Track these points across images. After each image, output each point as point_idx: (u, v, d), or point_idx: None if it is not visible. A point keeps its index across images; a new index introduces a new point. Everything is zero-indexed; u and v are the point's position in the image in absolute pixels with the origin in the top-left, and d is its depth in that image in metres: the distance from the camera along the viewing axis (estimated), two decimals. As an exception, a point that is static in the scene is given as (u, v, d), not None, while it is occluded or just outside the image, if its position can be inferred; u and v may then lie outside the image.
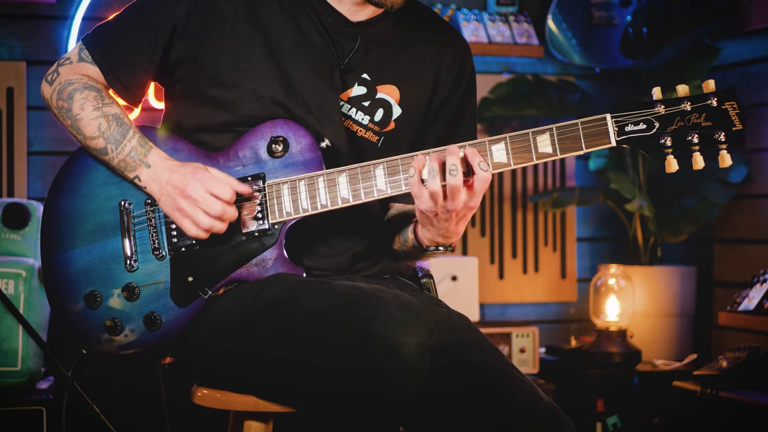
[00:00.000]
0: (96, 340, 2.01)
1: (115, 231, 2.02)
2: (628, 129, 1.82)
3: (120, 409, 3.55)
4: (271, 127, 1.98)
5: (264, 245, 1.96)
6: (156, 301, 1.98)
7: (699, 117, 1.80)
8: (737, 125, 1.79)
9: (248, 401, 1.93)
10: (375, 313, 1.71)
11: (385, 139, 2.07)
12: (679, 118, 1.80)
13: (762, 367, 3.27)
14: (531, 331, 4.08)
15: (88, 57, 2.07)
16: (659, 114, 1.81)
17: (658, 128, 1.81)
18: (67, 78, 2.06)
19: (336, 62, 2.04)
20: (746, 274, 3.74)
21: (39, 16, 3.86)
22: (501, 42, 4.28)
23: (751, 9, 4.00)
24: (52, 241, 2.06)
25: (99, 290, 2.01)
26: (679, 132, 1.80)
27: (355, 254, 2.06)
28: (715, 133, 1.80)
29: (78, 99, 2.03)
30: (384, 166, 1.92)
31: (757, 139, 4.05)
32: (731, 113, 1.79)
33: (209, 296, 1.96)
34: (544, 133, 1.84)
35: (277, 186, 1.96)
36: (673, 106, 1.81)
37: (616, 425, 3.89)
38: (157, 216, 2.01)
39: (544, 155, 1.84)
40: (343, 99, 2.05)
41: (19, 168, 3.81)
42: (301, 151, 1.97)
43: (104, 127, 2.00)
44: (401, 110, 2.09)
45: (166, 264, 1.99)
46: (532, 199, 4.36)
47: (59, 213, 2.06)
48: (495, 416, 1.78)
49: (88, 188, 2.06)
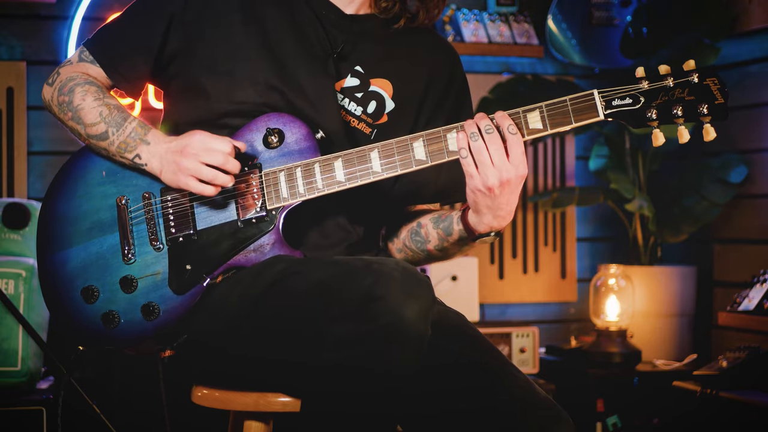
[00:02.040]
0: (93, 334, 2.01)
1: (112, 227, 2.03)
2: (615, 103, 1.88)
3: (120, 409, 3.55)
4: (266, 120, 2.00)
5: (261, 231, 1.97)
6: (154, 292, 1.99)
7: (682, 92, 1.87)
8: (719, 99, 1.85)
9: (248, 401, 1.93)
10: (377, 277, 1.72)
11: (378, 131, 2.09)
12: (663, 93, 1.87)
13: (762, 367, 3.27)
14: (531, 331, 4.08)
15: (88, 57, 2.10)
16: (644, 89, 1.87)
17: (644, 102, 1.87)
18: (67, 75, 2.09)
19: (329, 51, 2.06)
20: (746, 274, 3.74)
21: (39, 16, 3.86)
22: (501, 42, 4.28)
23: (751, 9, 4.00)
24: (49, 242, 2.07)
25: (96, 285, 2.01)
26: (664, 105, 1.87)
27: (350, 245, 2.07)
28: (698, 106, 1.85)
29: (79, 92, 2.06)
30: (378, 149, 1.93)
31: (757, 139, 4.05)
32: (713, 88, 1.86)
33: (208, 283, 1.97)
34: (533, 111, 1.90)
35: (274, 174, 1.98)
36: (656, 82, 1.88)
37: (616, 425, 3.89)
38: (154, 208, 2.02)
39: (535, 131, 1.90)
40: (337, 89, 2.07)
41: (19, 168, 3.82)
42: (297, 141, 1.99)
43: (105, 113, 2.03)
44: (394, 105, 2.10)
45: (164, 255, 2.00)
46: (532, 199, 4.37)
47: (56, 214, 2.07)
48: (493, 415, 1.79)
49: (84, 189, 2.07)
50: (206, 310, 1.96)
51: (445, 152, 1.91)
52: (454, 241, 2.05)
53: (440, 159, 1.92)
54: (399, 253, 2.17)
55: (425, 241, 2.11)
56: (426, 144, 1.92)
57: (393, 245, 2.18)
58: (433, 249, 2.10)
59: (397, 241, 2.17)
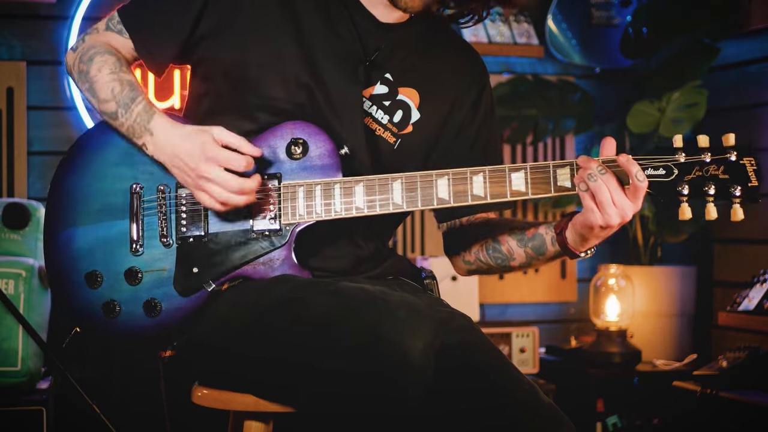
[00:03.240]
0: (92, 320, 2.00)
1: (123, 213, 2.01)
2: (648, 173, 1.84)
3: (120, 409, 3.55)
4: (292, 128, 1.97)
5: (273, 245, 1.96)
6: (158, 288, 1.97)
7: (717, 168, 1.83)
8: (753, 181, 1.82)
9: (248, 401, 1.93)
10: (381, 315, 1.71)
11: (401, 141, 2.07)
12: (697, 168, 1.83)
13: (762, 367, 3.27)
14: (531, 331, 4.08)
15: (116, 26, 2.07)
16: (678, 162, 1.84)
17: (677, 175, 1.84)
18: (90, 43, 2.07)
19: (362, 58, 2.05)
20: (746, 274, 3.74)
21: (39, 16, 3.86)
22: (501, 42, 4.28)
23: (751, 9, 4.00)
24: (58, 216, 2.04)
25: (101, 270, 1.99)
26: (697, 181, 1.83)
27: (358, 257, 2.06)
28: (731, 187, 1.82)
29: (97, 61, 2.03)
30: (402, 180, 1.91)
31: (757, 139, 4.04)
32: (749, 169, 1.82)
33: (213, 290, 1.95)
34: (564, 168, 1.89)
35: (293, 188, 1.95)
36: (693, 155, 1.83)
37: (616, 425, 3.89)
38: (168, 203, 1.99)
39: (564, 188, 1.88)
40: (365, 96, 2.05)
41: (19, 168, 3.81)
42: (320, 156, 1.95)
43: (117, 90, 2.00)
44: (420, 115, 2.09)
45: (172, 252, 1.98)
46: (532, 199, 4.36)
47: (67, 188, 2.05)
48: (496, 418, 1.78)
49: (99, 167, 2.04)
50: (209, 317, 1.95)
51: (468, 195, 1.90)
52: (547, 259, 2.06)
53: (463, 201, 1.90)
54: (468, 266, 2.16)
55: (508, 258, 2.10)
56: (450, 183, 1.90)
57: (460, 258, 2.17)
58: (518, 265, 2.11)
59: (466, 255, 2.15)
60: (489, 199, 1.91)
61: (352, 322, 1.72)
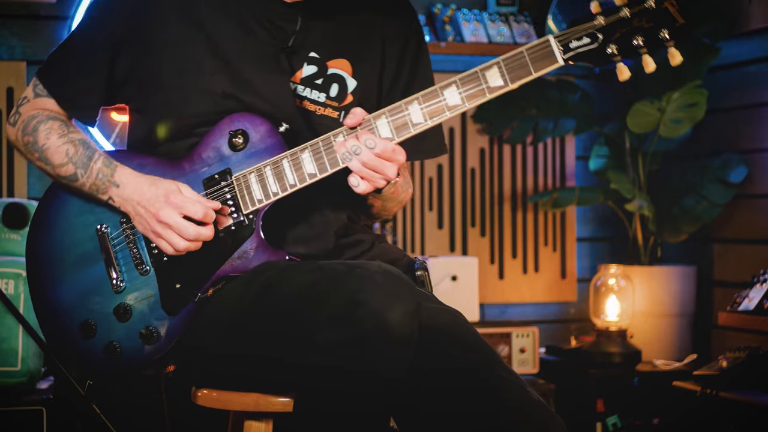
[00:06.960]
0: (100, 366, 2.03)
1: (97, 257, 2.03)
2: (573, 45, 1.83)
3: (120, 409, 3.54)
4: (229, 122, 1.99)
5: (243, 237, 1.97)
6: (150, 315, 1.99)
7: (640, 21, 1.80)
8: (680, 20, 1.78)
9: (248, 401, 1.93)
10: (360, 282, 1.73)
11: (346, 113, 2.04)
12: (620, 26, 1.81)
13: (762, 367, 3.27)
14: (531, 331, 4.08)
15: (42, 91, 2.10)
16: (601, 26, 1.82)
17: (603, 39, 1.82)
18: (28, 114, 2.08)
19: (280, 46, 2.03)
20: (746, 274, 3.74)
21: (39, 16, 3.86)
22: (501, 42, 4.28)
23: (751, 9, 3.99)
24: (40, 282, 2.07)
25: (92, 318, 2.02)
26: (624, 38, 1.81)
27: (337, 231, 2.06)
28: (659, 32, 1.80)
29: (42, 130, 2.05)
30: (344, 133, 1.92)
31: (757, 139, 4.04)
32: (671, 10, 1.79)
33: (199, 299, 1.97)
34: (492, 68, 1.87)
35: (245, 177, 1.97)
36: (612, 15, 1.81)
37: (616, 425, 3.89)
38: (134, 232, 2.02)
39: (496, 88, 1.87)
40: (296, 81, 2.04)
41: (19, 168, 3.82)
42: (262, 139, 1.97)
43: (71, 152, 2.02)
44: (356, 82, 2.08)
45: (152, 277, 2.00)
46: (532, 199, 4.36)
47: (41, 252, 2.07)
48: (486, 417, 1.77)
49: (64, 222, 2.06)
50: (202, 324, 1.96)
51: (410, 125, 1.89)
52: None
53: (406, 134, 1.90)
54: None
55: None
56: (390, 121, 1.90)
57: None
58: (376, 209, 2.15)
59: None
60: (428, 121, 1.89)
61: (332, 292, 1.75)
